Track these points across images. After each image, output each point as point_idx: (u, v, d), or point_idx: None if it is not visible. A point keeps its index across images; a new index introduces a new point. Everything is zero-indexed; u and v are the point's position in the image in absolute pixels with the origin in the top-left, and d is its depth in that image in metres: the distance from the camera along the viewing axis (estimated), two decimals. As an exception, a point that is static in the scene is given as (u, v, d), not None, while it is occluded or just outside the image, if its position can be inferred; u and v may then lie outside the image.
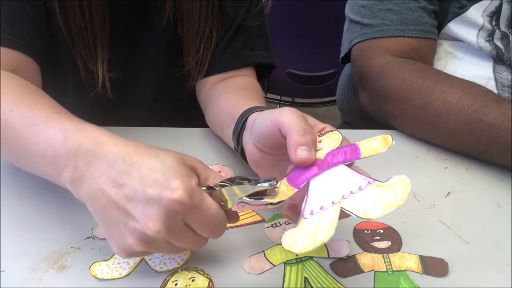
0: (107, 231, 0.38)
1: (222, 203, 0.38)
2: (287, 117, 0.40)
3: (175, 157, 0.36)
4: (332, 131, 0.42)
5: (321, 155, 0.40)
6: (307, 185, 0.38)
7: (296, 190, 0.38)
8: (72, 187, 0.39)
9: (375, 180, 0.35)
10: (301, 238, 0.33)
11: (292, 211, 0.41)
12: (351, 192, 0.35)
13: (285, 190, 0.39)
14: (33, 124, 0.42)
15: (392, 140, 0.38)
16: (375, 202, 0.33)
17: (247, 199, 0.38)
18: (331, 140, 0.41)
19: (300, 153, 0.38)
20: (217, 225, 0.37)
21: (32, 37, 0.58)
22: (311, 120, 0.43)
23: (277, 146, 0.42)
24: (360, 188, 0.35)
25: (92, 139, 0.38)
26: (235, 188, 0.38)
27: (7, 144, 0.45)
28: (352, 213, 0.33)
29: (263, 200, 0.38)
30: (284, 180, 0.40)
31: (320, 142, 0.41)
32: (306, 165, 0.39)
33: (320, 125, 0.43)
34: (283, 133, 0.40)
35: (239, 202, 0.38)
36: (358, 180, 0.36)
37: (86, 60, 0.61)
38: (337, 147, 0.40)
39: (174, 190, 0.34)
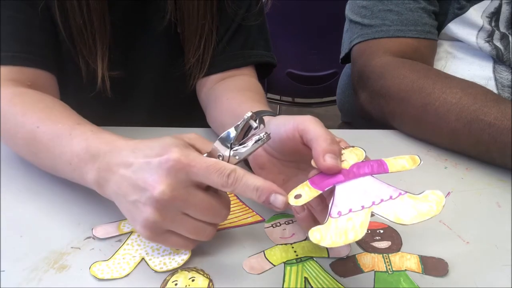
0: (131, 216, 0.41)
1: (220, 159, 0.41)
2: (313, 125, 0.40)
3: (173, 136, 0.41)
4: (353, 146, 0.42)
5: (345, 166, 0.40)
6: (332, 189, 0.38)
7: (320, 192, 0.38)
8: (98, 187, 0.43)
9: (406, 192, 0.35)
10: (330, 234, 0.34)
11: (309, 222, 0.41)
12: (382, 200, 0.35)
13: (308, 191, 0.39)
14: (59, 136, 0.47)
15: (420, 160, 0.38)
16: (409, 210, 0.33)
17: (237, 146, 0.41)
18: (354, 154, 0.41)
19: (328, 160, 0.39)
20: (222, 165, 0.38)
21: (42, 48, 0.59)
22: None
23: (291, 152, 0.43)
24: (391, 197, 0.35)
25: (109, 143, 0.43)
26: (219, 140, 0.41)
27: (38, 158, 0.50)
28: (385, 218, 0.33)
29: (250, 142, 0.40)
30: (307, 182, 0.40)
31: (342, 155, 0.41)
32: (333, 172, 0.39)
33: (336, 138, 0.43)
34: (305, 139, 0.40)
35: (233, 154, 0.41)
36: (389, 190, 0.36)
37: (87, 58, 0.62)
38: (362, 161, 0.40)
39: (171, 153, 0.38)
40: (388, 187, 0.36)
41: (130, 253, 0.44)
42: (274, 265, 0.43)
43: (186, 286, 0.40)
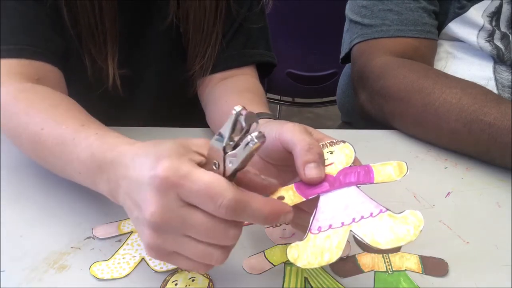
0: (139, 233, 0.37)
1: (215, 168, 0.35)
2: (290, 134, 0.39)
3: (176, 140, 0.36)
4: (344, 142, 0.41)
5: (332, 170, 0.39)
6: (316, 198, 0.37)
7: (304, 199, 0.38)
8: (112, 198, 0.40)
9: (387, 209, 0.35)
10: (307, 254, 0.34)
11: (299, 226, 0.41)
12: (362, 217, 0.35)
13: (291, 196, 0.38)
14: (63, 142, 0.44)
15: (407, 168, 0.38)
16: (386, 232, 0.33)
17: (230, 151, 0.35)
18: (343, 154, 0.40)
19: (309, 172, 0.38)
20: (216, 192, 0.33)
21: (50, 43, 0.58)
22: (317, 134, 0.43)
23: (282, 160, 0.42)
24: (371, 215, 0.35)
25: (112, 149, 0.39)
26: (213, 142, 0.35)
27: (46, 162, 0.48)
28: (361, 238, 0.33)
29: (245, 143, 0.34)
30: (292, 186, 0.39)
31: (331, 153, 0.40)
32: (316, 183, 0.38)
33: (326, 138, 0.42)
34: (287, 149, 0.40)
35: (225, 158, 0.35)
36: (370, 206, 0.35)
37: (96, 57, 0.61)
38: (350, 166, 0.39)
39: (159, 168, 0.33)
40: (371, 201, 0.36)
41: (130, 253, 0.44)
42: (274, 265, 0.43)
43: (186, 286, 0.40)
